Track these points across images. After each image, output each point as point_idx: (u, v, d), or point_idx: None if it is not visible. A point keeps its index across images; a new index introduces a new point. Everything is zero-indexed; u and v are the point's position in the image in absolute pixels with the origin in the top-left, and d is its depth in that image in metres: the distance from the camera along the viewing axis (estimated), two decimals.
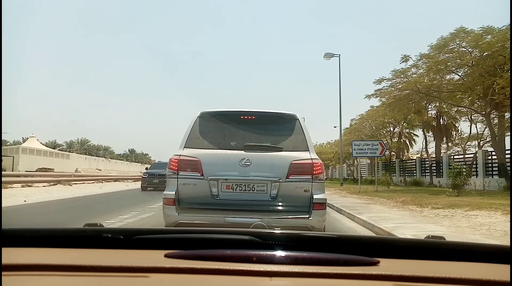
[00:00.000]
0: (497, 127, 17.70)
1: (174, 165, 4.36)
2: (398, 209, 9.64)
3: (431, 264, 1.05)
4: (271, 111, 4.77)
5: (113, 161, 61.65)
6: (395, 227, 6.45)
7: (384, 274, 0.92)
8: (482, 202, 9.68)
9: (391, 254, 1.08)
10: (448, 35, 16.44)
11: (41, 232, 1.22)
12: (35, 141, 46.72)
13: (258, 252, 1.04)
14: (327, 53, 25.43)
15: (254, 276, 0.92)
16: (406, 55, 18.51)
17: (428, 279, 0.90)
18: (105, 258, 1.04)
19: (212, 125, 4.69)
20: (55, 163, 41.45)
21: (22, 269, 0.93)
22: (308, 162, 4.34)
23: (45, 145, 51.39)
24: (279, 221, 4.14)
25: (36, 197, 13.50)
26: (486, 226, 6.28)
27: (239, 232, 1.18)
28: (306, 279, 0.93)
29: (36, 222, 7.84)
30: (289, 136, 4.59)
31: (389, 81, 19.97)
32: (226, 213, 4.16)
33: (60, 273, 0.92)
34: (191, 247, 1.09)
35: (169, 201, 4.29)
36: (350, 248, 1.08)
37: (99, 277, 0.91)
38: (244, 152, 4.34)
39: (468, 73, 16.78)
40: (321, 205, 4.30)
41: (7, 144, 47.61)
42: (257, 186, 4.27)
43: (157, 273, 0.92)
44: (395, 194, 14.05)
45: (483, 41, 15.29)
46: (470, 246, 1.20)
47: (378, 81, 20.22)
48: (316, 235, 1.26)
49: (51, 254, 1.08)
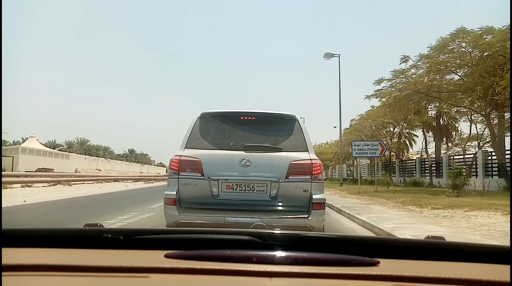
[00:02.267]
0: (497, 127, 17.71)
1: (175, 165, 4.38)
2: (398, 210, 9.64)
3: (431, 264, 1.05)
4: (271, 111, 4.80)
5: (112, 161, 61.67)
6: (395, 227, 6.45)
7: (384, 274, 0.92)
8: (482, 202, 9.68)
9: (391, 254, 1.08)
10: (448, 36, 16.44)
11: (41, 232, 1.22)
12: (34, 141, 46.71)
13: (258, 253, 1.04)
14: (327, 53, 25.46)
15: (254, 277, 0.92)
16: (406, 56, 18.52)
17: (428, 280, 0.90)
18: (105, 258, 1.04)
19: (213, 125, 4.72)
20: (55, 163, 41.46)
21: (22, 269, 0.93)
22: (307, 163, 4.36)
23: (44, 145, 51.38)
24: (279, 221, 4.16)
25: (36, 197, 13.49)
26: (486, 227, 6.28)
27: (239, 232, 1.18)
28: (306, 280, 0.92)
29: (35, 222, 7.83)
30: (288, 136, 4.60)
31: (389, 82, 20.00)
32: (226, 213, 4.18)
33: (60, 273, 0.92)
34: (191, 247, 1.09)
35: (170, 201, 4.31)
36: (350, 249, 1.08)
37: (99, 277, 0.91)
38: (244, 152, 4.36)
39: (468, 73, 16.77)
40: (320, 205, 4.32)
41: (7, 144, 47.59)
42: (257, 186, 4.29)
43: (157, 273, 0.92)
44: (395, 195, 14.06)
45: (483, 41, 15.29)
46: (470, 247, 1.19)
47: (378, 82, 20.24)
48: (316, 236, 1.26)
49: (51, 254, 1.08)
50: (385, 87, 20.50)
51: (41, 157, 41.30)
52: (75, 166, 46.14)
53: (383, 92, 20.81)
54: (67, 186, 22.20)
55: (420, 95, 18.72)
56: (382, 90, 20.76)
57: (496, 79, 14.84)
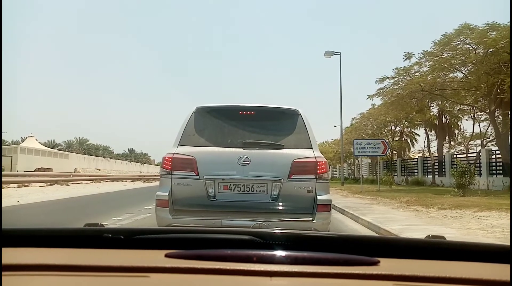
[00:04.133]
0: (501, 125, 17.40)
1: (168, 164, 4.09)
2: (403, 210, 9.33)
3: (431, 264, 1.04)
4: (272, 106, 4.49)
5: (112, 160, 61.53)
6: (402, 229, 6.14)
7: (385, 273, 0.92)
8: (490, 202, 9.38)
9: (391, 253, 1.08)
10: (452, 32, 16.14)
11: (41, 232, 1.21)
12: (33, 140, 46.56)
13: (258, 252, 1.04)
14: (328, 51, 25.09)
15: (254, 276, 0.92)
16: (409, 53, 18.23)
17: (428, 279, 0.90)
18: (106, 258, 1.04)
19: (209, 121, 4.41)
20: (54, 163, 41.28)
21: (22, 269, 0.93)
22: (311, 161, 4.05)
23: (44, 144, 51.23)
24: (280, 224, 3.85)
25: (31, 197, 13.20)
26: (499, 229, 5.95)
27: (239, 232, 1.20)
28: (306, 279, 0.93)
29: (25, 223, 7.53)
30: (291, 132, 4.29)
31: (391, 80, 19.70)
32: (223, 215, 3.89)
33: (60, 273, 0.92)
34: (191, 247, 1.09)
35: (162, 203, 4.03)
36: (350, 248, 1.08)
37: (100, 277, 0.92)
38: (242, 150, 4.06)
39: (472, 70, 16.48)
40: (325, 207, 4.02)
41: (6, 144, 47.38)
42: (257, 186, 3.99)
43: (158, 273, 0.92)
44: (398, 194, 13.76)
45: (488, 37, 14.98)
46: (470, 246, 1.20)
47: (381, 80, 19.95)
48: (317, 235, 1.30)
49: (51, 254, 1.08)
50: (387, 85, 20.24)
51: (40, 156, 41.13)
52: (74, 165, 45.96)
53: (385, 90, 20.53)
54: (65, 186, 21.90)
55: (423, 93, 18.44)
56: (385, 89, 20.48)
57: (501, 76, 14.53)
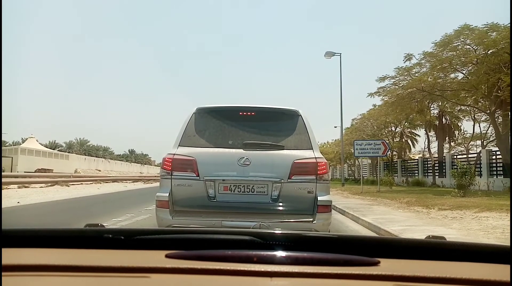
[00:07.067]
0: (501, 126, 17.38)
1: (168, 164, 4.08)
2: (404, 211, 9.31)
3: (431, 264, 1.04)
4: (272, 107, 4.48)
5: (112, 161, 61.49)
6: (403, 230, 6.13)
7: (385, 274, 0.92)
8: (490, 203, 9.36)
9: (391, 254, 1.08)
10: (452, 32, 16.13)
11: (41, 233, 1.21)
12: (34, 141, 46.54)
13: (258, 252, 1.04)
14: (328, 51, 25.10)
15: (254, 276, 0.92)
16: (409, 54, 18.23)
17: (428, 279, 0.90)
18: (106, 258, 1.03)
19: (209, 122, 4.39)
20: (55, 163, 41.29)
21: (22, 270, 0.93)
22: (312, 161, 4.04)
23: (44, 145, 51.22)
24: (281, 225, 3.85)
25: (31, 198, 13.20)
26: (499, 229, 5.94)
27: (239, 232, 1.19)
28: (306, 279, 0.93)
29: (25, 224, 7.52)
30: (291, 133, 4.28)
31: (392, 79, 19.68)
32: (224, 216, 3.88)
33: (60, 274, 0.92)
34: (191, 247, 1.09)
35: (162, 204, 4.02)
36: (350, 248, 1.07)
37: (100, 278, 0.92)
38: (243, 150, 4.05)
39: (472, 71, 16.47)
40: (326, 208, 4.01)
41: (6, 145, 47.41)
42: (257, 187, 3.98)
43: (158, 273, 0.93)
44: (398, 195, 13.74)
45: (488, 38, 14.98)
46: (470, 246, 1.20)
47: (381, 79, 19.92)
48: (317, 235, 1.28)
49: (51, 255, 1.08)
50: (388, 85, 20.22)
51: (41, 157, 41.11)
52: (75, 166, 45.95)
53: (386, 90, 20.51)
54: (65, 187, 21.89)
55: (423, 93, 18.42)
56: (385, 88, 20.46)
57: (500, 75, 14.52)
